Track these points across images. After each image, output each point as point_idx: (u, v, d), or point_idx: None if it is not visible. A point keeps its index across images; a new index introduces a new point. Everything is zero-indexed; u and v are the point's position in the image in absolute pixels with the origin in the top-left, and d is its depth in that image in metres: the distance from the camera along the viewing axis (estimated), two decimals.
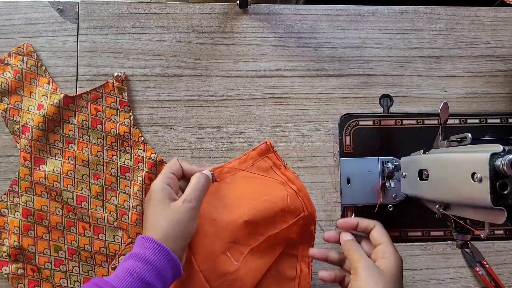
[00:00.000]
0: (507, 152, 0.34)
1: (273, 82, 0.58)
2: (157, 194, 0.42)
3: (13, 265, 0.53)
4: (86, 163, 0.54)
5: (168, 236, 0.40)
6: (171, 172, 0.44)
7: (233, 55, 0.58)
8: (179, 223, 0.41)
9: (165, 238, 0.40)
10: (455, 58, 0.60)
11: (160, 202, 0.42)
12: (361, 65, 0.59)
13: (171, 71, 0.57)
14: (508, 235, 0.58)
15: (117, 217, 0.54)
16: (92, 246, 0.54)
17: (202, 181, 0.44)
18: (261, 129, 0.57)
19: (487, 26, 0.61)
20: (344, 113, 0.58)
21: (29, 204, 0.53)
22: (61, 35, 0.57)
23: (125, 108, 0.55)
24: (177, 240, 0.40)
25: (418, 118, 0.58)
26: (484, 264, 0.56)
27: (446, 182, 0.41)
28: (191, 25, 0.58)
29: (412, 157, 0.51)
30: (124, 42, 0.57)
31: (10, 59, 0.55)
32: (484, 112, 0.59)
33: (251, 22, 0.59)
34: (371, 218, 0.54)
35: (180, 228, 0.41)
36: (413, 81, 0.59)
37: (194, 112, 0.57)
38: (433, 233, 0.57)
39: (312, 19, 0.60)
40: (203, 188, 0.44)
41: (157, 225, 0.41)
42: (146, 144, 0.55)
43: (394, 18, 0.60)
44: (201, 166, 0.47)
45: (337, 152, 0.58)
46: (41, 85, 0.55)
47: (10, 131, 0.54)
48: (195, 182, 0.44)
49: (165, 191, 0.42)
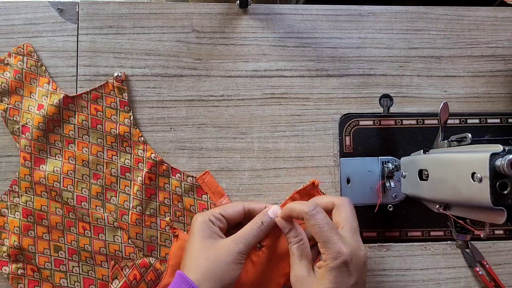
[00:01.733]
0: (507, 152, 0.34)
1: (273, 82, 0.58)
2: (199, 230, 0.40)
3: (13, 265, 0.53)
4: (86, 163, 0.54)
5: (207, 277, 0.38)
6: (221, 213, 0.42)
7: (233, 55, 0.58)
8: (221, 264, 0.39)
9: (203, 278, 0.38)
10: (455, 58, 0.60)
11: (202, 239, 0.40)
12: (361, 65, 0.59)
13: (171, 71, 0.57)
14: (508, 235, 0.58)
15: (117, 217, 0.54)
16: (92, 246, 0.54)
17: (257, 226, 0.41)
18: (261, 129, 0.57)
19: (487, 26, 0.61)
20: (344, 113, 0.58)
21: (29, 204, 0.53)
22: (61, 35, 0.57)
23: (125, 108, 0.55)
24: (216, 283, 0.38)
25: (418, 118, 0.58)
26: (484, 264, 0.56)
27: (446, 182, 0.41)
28: (191, 25, 0.58)
29: (412, 157, 0.51)
30: (124, 42, 0.57)
31: (10, 59, 0.55)
32: (484, 112, 0.59)
33: (251, 22, 0.59)
34: (371, 218, 0.54)
35: (221, 270, 0.38)
36: (413, 81, 0.59)
37: (194, 112, 0.57)
38: (433, 233, 0.57)
39: (312, 19, 0.60)
40: (258, 232, 0.41)
41: (197, 262, 0.39)
42: (146, 144, 0.55)
43: (394, 18, 0.60)
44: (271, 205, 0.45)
45: (337, 152, 0.58)
46: (41, 85, 0.55)
47: (10, 131, 0.55)
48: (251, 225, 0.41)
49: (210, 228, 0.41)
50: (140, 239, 0.54)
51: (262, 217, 0.43)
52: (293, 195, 0.48)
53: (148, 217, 0.54)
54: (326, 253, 0.38)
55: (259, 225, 0.42)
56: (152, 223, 0.54)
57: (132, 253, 0.54)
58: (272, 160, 0.56)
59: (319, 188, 0.49)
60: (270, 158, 0.56)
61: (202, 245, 0.40)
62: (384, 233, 0.57)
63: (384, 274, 0.56)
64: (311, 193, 0.48)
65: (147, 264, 0.53)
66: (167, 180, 0.55)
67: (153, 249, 0.54)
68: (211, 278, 0.38)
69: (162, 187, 0.55)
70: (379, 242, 0.56)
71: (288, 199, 0.48)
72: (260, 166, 0.56)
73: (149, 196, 0.54)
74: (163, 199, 0.55)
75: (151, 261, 0.53)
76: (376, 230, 0.57)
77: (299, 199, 0.48)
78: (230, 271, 0.39)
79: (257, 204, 0.45)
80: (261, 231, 0.42)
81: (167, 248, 0.54)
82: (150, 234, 0.54)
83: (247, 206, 0.45)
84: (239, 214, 0.44)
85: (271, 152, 0.57)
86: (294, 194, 0.48)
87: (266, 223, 0.42)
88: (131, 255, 0.54)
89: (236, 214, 0.44)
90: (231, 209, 0.44)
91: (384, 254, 0.56)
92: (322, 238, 0.38)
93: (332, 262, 0.37)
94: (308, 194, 0.48)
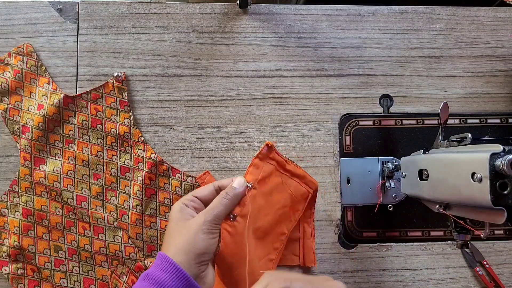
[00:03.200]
0: (507, 152, 0.34)
1: (273, 82, 0.58)
2: (174, 214, 0.43)
3: (13, 265, 0.53)
4: (86, 163, 0.54)
5: (179, 252, 0.40)
6: (194, 195, 0.45)
7: (233, 55, 0.58)
8: (191, 238, 0.40)
9: (176, 254, 0.39)
10: (455, 58, 0.60)
11: (178, 221, 0.42)
12: (361, 65, 0.59)
13: (171, 71, 0.57)
14: (508, 235, 0.58)
15: (117, 217, 0.54)
16: (92, 246, 0.54)
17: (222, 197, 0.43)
18: (261, 129, 0.57)
19: (487, 26, 0.61)
20: (344, 113, 0.58)
21: (29, 204, 0.53)
22: (61, 35, 0.57)
23: (125, 108, 0.55)
24: (189, 254, 0.40)
25: (418, 118, 0.58)
26: (484, 264, 0.56)
27: (446, 182, 0.41)
28: (191, 25, 0.58)
29: (412, 157, 0.51)
30: (124, 42, 0.57)
31: (10, 59, 0.55)
32: (484, 112, 0.59)
33: (251, 22, 0.59)
34: (371, 218, 0.53)
35: (192, 241, 0.40)
36: (413, 81, 0.59)
37: (194, 112, 0.57)
38: (433, 233, 0.57)
39: (312, 19, 0.60)
40: (225, 202, 0.43)
41: (171, 241, 0.41)
42: (146, 144, 0.55)
43: (394, 18, 0.60)
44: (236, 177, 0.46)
45: (337, 152, 0.58)
46: (41, 85, 0.55)
47: (10, 131, 0.55)
48: (217, 197, 0.44)
49: (182, 210, 0.43)
50: (140, 239, 0.54)
51: (227, 189, 0.45)
52: (253, 161, 0.48)
53: (148, 217, 0.54)
54: None
55: (225, 195, 0.44)
56: (152, 223, 0.54)
57: (132, 253, 0.54)
58: None
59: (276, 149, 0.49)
60: None
61: (176, 226, 0.42)
62: (384, 233, 0.57)
63: (384, 274, 0.56)
64: (270, 157, 0.49)
65: (142, 267, 0.53)
66: (167, 180, 0.55)
67: (153, 249, 0.54)
68: (182, 250, 0.40)
69: (162, 187, 0.55)
70: (379, 242, 0.56)
71: (250, 166, 0.47)
72: None
73: (149, 196, 0.54)
74: (163, 199, 0.55)
75: (146, 263, 0.53)
76: (376, 230, 0.57)
77: (260, 164, 0.48)
78: (200, 241, 0.40)
79: (226, 180, 0.47)
80: (228, 201, 0.44)
81: None
82: (150, 234, 0.54)
83: (217, 183, 0.47)
84: (210, 192, 0.46)
85: None
86: (254, 160, 0.48)
87: (232, 193, 0.44)
88: (131, 255, 0.54)
89: (207, 193, 0.46)
90: (202, 189, 0.46)
91: (384, 254, 0.56)
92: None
93: None
94: (268, 157, 0.49)
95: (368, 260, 0.56)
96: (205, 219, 0.41)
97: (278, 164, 0.50)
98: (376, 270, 0.56)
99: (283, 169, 0.50)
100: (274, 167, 0.49)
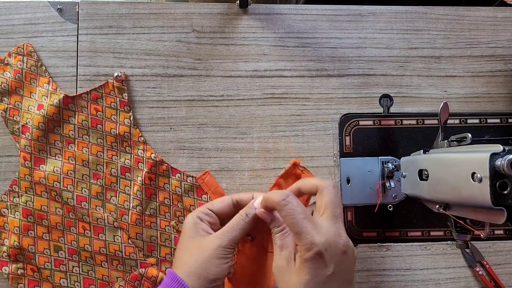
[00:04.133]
0: (507, 152, 0.34)
1: (273, 82, 0.58)
2: (188, 229, 0.41)
3: (13, 265, 0.53)
4: (86, 163, 0.54)
5: (191, 275, 0.38)
6: (209, 208, 0.42)
7: (233, 55, 0.58)
8: (204, 262, 0.39)
9: (188, 277, 0.38)
10: (455, 58, 0.60)
11: (190, 237, 0.40)
12: (361, 65, 0.59)
13: (171, 71, 0.57)
14: (508, 235, 0.58)
15: (117, 217, 0.54)
16: (92, 246, 0.54)
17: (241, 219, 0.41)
18: (261, 129, 0.57)
19: (487, 26, 0.61)
20: (344, 113, 0.58)
21: (29, 204, 0.53)
22: (61, 35, 0.57)
23: (125, 108, 0.55)
24: (201, 279, 0.38)
25: (418, 118, 0.58)
26: (484, 264, 0.56)
27: (446, 182, 0.41)
28: (191, 25, 0.58)
29: (412, 157, 0.51)
30: (124, 42, 0.57)
31: (10, 59, 0.55)
32: (484, 112, 0.59)
33: (251, 22, 0.59)
34: (371, 218, 0.54)
35: (204, 266, 0.39)
36: (413, 81, 0.59)
37: (194, 112, 0.57)
38: (433, 233, 0.57)
39: (312, 19, 0.60)
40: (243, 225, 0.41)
41: (183, 261, 0.39)
42: (146, 144, 0.55)
43: (394, 18, 0.60)
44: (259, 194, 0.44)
45: (337, 152, 0.58)
46: (41, 85, 0.55)
47: (10, 131, 0.55)
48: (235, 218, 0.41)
49: (197, 225, 0.41)
50: (140, 239, 0.54)
51: (247, 209, 0.42)
52: (277, 180, 0.46)
53: (148, 217, 0.54)
54: (300, 244, 0.36)
55: (244, 217, 0.41)
56: (152, 223, 0.54)
57: (132, 253, 0.54)
58: (272, 160, 0.56)
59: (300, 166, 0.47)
60: (270, 158, 0.56)
61: (189, 244, 0.40)
62: (384, 233, 0.57)
63: (384, 274, 0.56)
64: (294, 174, 0.47)
65: (138, 276, 0.53)
66: (167, 180, 0.55)
67: (153, 249, 0.54)
68: (195, 275, 0.38)
69: (162, 187, 0.55)
70: (379, 242, 0.56)
71: (273, 186, 0.46)
72: (260, 166, 0.56)
73: (149, 196, 0.54)
74: (163, 199, 0.55)
75: (141, 272, 0.53)
76: (376, 230, 0.57)
77: (283, 183, 0.47)
78: (213, 266, 0.39)
79: (245, 194, 0.44)
80: (246, 224, 0.41)
81: (167, 248, 0.54)
82: (150, 234, 0.54)
83: (235, 197, 0.44)
84: (227, 207, 0.44)
85: (271, 152, 0.57)
86: (277, 179, 0.46)
87: (251, 215, 0.42)
88: (131, 255, 0.54)
89: (224, 207, 0.43)
90: (219, 202, 0.44)
91: (384, 254, 0.56)
92: (294, 229, 0.36)
93: (305, 253, 0.36)
94: (291, 175, 0.47)
95: (368, 260, 0.56)
96: (220, 244, 0.39)
97: (296, 178, 0.48)
98: (376, 270, 0.56)
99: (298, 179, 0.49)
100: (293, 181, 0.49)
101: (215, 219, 0.43)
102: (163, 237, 0.54)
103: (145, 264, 0.54)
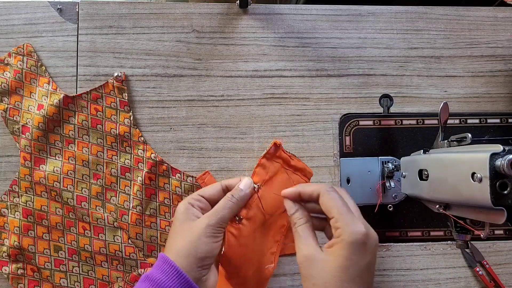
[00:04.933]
0: (507, 152, 0.34)
1: (273, 82, 0.58)
2: (179, 215, 0.42)
3: (13, 265, 0.53)
4: (86, 163, 0.54)
5: (180, 254, 0.39)
6: (200, 194, 0.43)
7: (233, 55, 0.58)
8: (193, 241, 0.39)
9: (177, 257, 0.39)
10: (455, 58, 0.60)
11: (181, 222, 0.41)
12: (361, 65, 0.59)
13: (171, 71, 0.57)
14: (508, 235, 0.58)
15: (117, 217, 0.54)
16: (92, 246, 0.54)
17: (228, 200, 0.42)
18: (261, 129, 0.57)
19: (487, 26, 0.61)
20: (344, 113, 0.58)
21: (29, 204, 0.53)
22: (61, 35, 0.57)
23: (125, 108, 0.55)
24: (191, 258, 0.39)
25: (418, 118, 0.58)
26: (484, 264, 0.56)
27: (446, 182, 0.41)
28: (191, 25, 0.58)
29: (412, 157, 0.51)
30: (124, 42, 0.57)
31: (10, 59, 0.55)
32: (484, 112, 0.59)
33: (251, 22, 0.59)
34: (371, 218, 0.53)
35: (194, 245, 0.39)
36: (413, 81, 0.59)
37: (194, 112, 0.57)
38: (433, 233, 0.57)
39: (312, 19, 0.60)
40: (231, 205, 0.42)
41: (173, 242, 0.40)
42: (146, 144, 0.55)
43: (394, 18, 0.60)
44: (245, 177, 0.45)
45: (337, 152, 0.58)
46: (41, 85, 0.55)
47: (10, 131, 0.55)
48: (223, 199, 0.42)
49: (188, 210, 0.42)
50: (140, 239, 0.54)
51: (233, 191, 0.44)
52: (260, 160, 0.47)
53: (148, 217, 0.54)
54: (342, 227, 0.37)
55: (230, 198, 0.43)
56: (152, 223, 0.54)
57: (132, 253, 0.54)
58: None
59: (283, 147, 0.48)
60: None
61: (180, 228, 0.41)
62: (384, 233, 0.57)
63: (384, 274, 0.56)
64: (280, 157, 0.48)
65: (138, 277, 0.53)
66: (167, 180, 0.55)
67: (153, 249, 0.54)
68: (184, 254, 0.39)
69: (162, 187, 0.55)
70: (379, 242, 0.56)
71: (257, 167, 0.47)
72: None
73: (149, 196, 0.54)
74: (163, 199, 0.55)
75: (141, 272, 0.53)
76: (376, 230, 0.56)
77: (267, 164, 0.48)
78: (202, 244, 0.39)
79: (233, 179, 0.45)
80: (234, 204, 0.42)
81: None
82: (150, 234, 0.54)
83: (224, 183, 0.45)
84: (218, 192, 0.45)
85: None
86: (260, 160, 0.47)
87: (238, 196, 0.43)
88: (131, 255, 0.54)
89: (214, 192, 0.44)
90: (210, 188, 0.45)
91: (384, 254, 0.56)
92: (337, 214, 0.37)
93: (349, 236, 0.36)
94: (277, 158, 0.48)
95: None
96: (209, 223, 0.40)
97: (284, 161, 0.49)
98: (376, 270, 0.56)
99: (287, 165, 0.50)
100: (280, 165, 0.49)
101: (206, 204, 0.44)
102: (163, 237, 0.54)
103: (145, 264, 0.54)
